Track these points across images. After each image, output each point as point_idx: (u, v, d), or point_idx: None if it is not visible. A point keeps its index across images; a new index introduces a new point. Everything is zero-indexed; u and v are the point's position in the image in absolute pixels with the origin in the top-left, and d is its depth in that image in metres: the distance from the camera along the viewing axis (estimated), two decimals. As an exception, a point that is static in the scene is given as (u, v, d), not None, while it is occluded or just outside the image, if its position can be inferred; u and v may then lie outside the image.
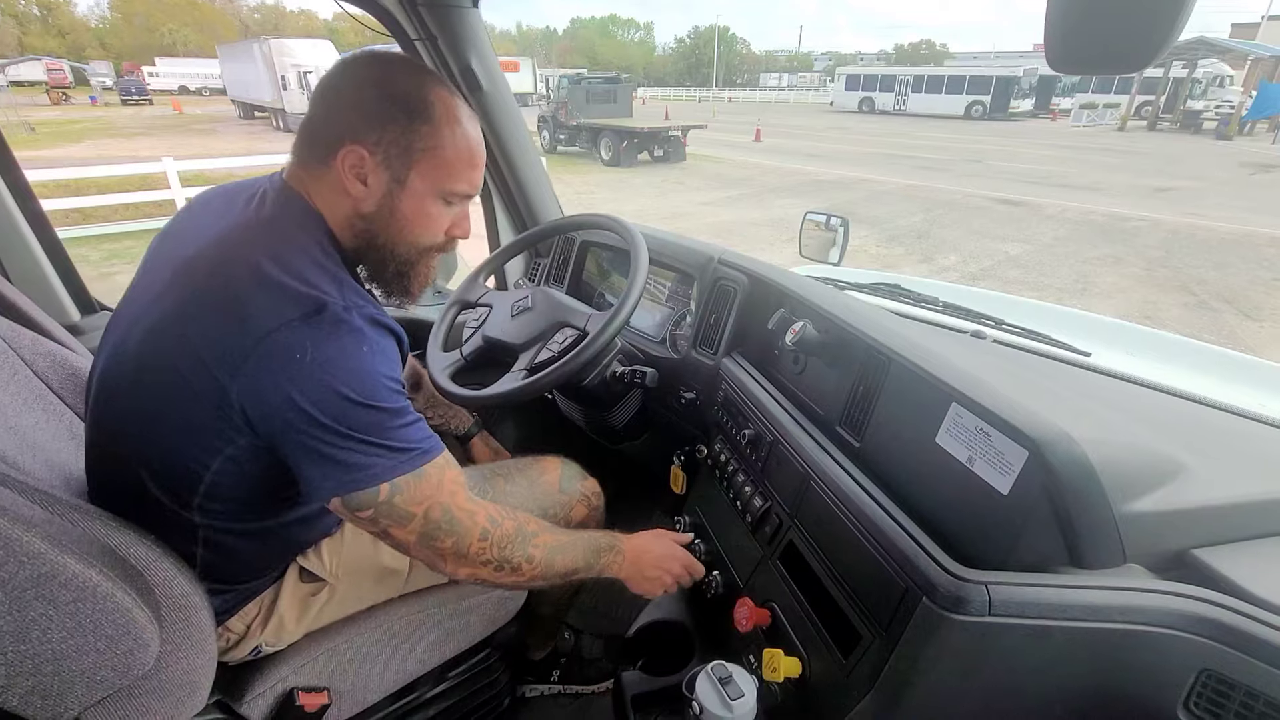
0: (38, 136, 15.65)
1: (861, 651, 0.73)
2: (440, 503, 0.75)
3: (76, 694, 0.59)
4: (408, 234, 0.80)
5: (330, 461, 0.68)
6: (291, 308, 0.67)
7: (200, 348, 0.67)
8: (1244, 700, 0.61)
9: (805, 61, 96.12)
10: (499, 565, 0.82)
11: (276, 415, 0.66)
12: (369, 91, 0.75)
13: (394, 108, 0.75)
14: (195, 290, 0.70)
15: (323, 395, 0.66)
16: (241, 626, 0.87)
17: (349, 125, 0.74)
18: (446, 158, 0.78)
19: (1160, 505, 0.70)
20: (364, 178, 0.76)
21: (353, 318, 0.69)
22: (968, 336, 1.32)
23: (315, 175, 0.77)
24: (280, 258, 0.70)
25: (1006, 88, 28.50)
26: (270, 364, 0.65)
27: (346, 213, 0.78)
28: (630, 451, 1.51)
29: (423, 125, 0.76)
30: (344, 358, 0.67)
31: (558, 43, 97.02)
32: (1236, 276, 6.05)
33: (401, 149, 0.75)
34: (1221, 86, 25.20)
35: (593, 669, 1.38)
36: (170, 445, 0.71)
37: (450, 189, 0.80)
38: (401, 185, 0.77)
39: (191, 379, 0.67)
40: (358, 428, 0.68)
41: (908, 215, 8.65)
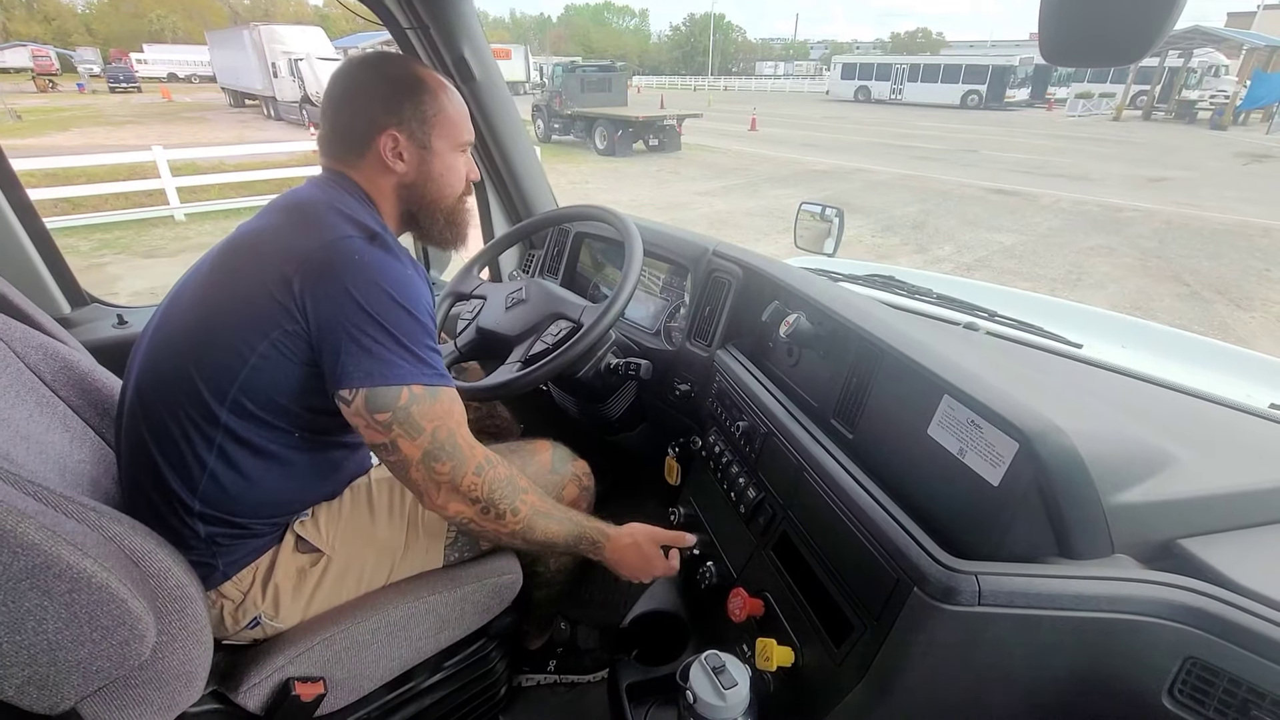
0: (24, 125, 15.45)
1: (853, 641, 0.74)
2: (449, 427, 0.83)
3: (73, 684, 0.60)
4: (445, 188, 0.95)
5: (367, 353, 0.76)
6: (353, 228, 0.81)
7: (272, 251, 0.80)
8: (1227, 687, 0.62)
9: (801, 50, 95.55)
10: (486, 506, 0.87)
11: (330, 302, 0.76)
12: (378, 87, 0.89)
13: (401, 91, 0.89)
14: (267, 220, 0.85)
15: (372, 290, 0.77)
16: (238, 593, 0.88)
17: (374, 117, 0.88)
18: (451, 116, 0.93)
19: (1148, 496, 0.71)
20: (401, 155, 0.90)
21: (397, 246, 0.84)
22: (961, 329, 1.32)
23: (353, 166, 0.90)
24: (339, 206, 0.84)
25: (1002, 77, 28.40)
26: (333, 259, 0.77)
27: (392, 187, 0.92)
28: (625, 443, 1.52)
29: (425, 97, 0.90)
30: (393, 268, 0.80)
31: (552, 30, 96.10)
32: (1229, 267, 6.09)
33: (420, 121, 0.90)
34: (1217, 76, 25.19)
35: (588, 659, 1.39)
36: (223, 336, 0.79)
37: (461, 140, 0.95)
38: (429, 150, 0.92)
39: (259, 273, 0.78)
40: (396, 326, 0.78)
41: (903, 205, 8.64)
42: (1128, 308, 4.99)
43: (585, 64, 16.95)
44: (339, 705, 0.95)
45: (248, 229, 0.87)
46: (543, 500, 0.96)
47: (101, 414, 0.99)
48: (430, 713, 1.09)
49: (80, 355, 1.03)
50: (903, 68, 31.83)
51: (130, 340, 1.42)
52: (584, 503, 1.21)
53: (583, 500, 1.20)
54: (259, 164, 8.81)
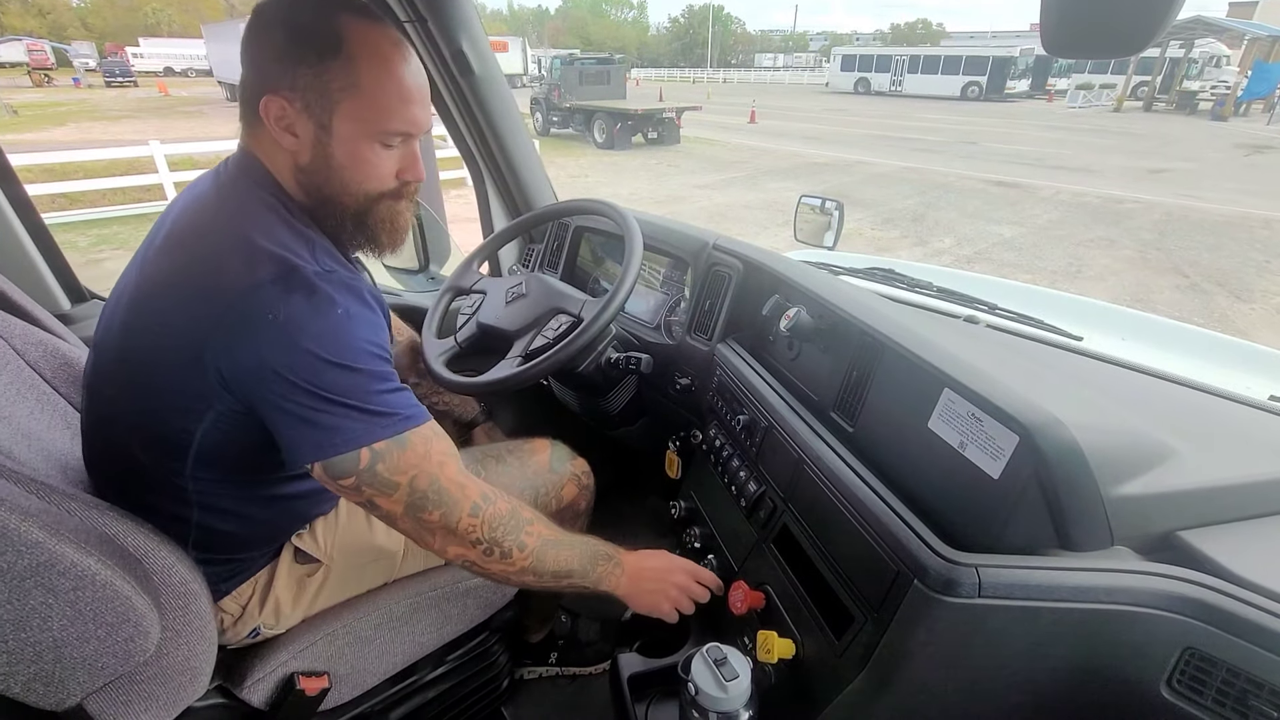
0: (20, 119, 15.39)
1: (854, 633, 0.74)
2: (427, 472, 0.73)
3: (78, 681, 0.60)
4: (351, 183, 0.76)
5: (306, 424, 0.66)
6: (262, 269, 0.66)
7: (177, 311, 0.67)
8: (1225, 678, 0.62)
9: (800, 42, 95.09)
10: (489, 547, 0.79)
11: (251, 377, 0.65)
12: (277, 33, 0.70)
13: (302, 46, 0.70)
14: (172, 258, 0.72)
15: (294, 356, 0.64)
16: (237, 607, 0.87)
17: (265, 73, 0.71)
18: (370, 97, 0.72)
19: (1148, 488, 0.72)
20: (291, 128, 0.72)
21: (324, 283, 0.67)
22: (961, 321, 1.32)
23: (255, 134, 0.75)
24: (249, 220, 0.70)
25: (1003, 68, 28.26)
26: (242, 325, 0.64)
27: (289, 167, 0.75)
28: (625, 437, 1.52)
29: (333, 61, 0.70)
30: (316, 318, 0.66)
31: (550, 22, 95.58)
32: (1229, 258, 6.08)
33: (318, 92, 0.70)
34: (1218, 66, 25.09)
35: (590, 651, 1.39)
36: (159, 411, 0.71)
37: (383, 129, 0.74)
38: (328, 131, 0.72)
39: (172, 344, 0.67)
40: (332, 389, 0.66)
41: (902, 198, 8.62)
42: (1128, 300, 4.99)
43: (583, 56, 16.86)
44: (343, 699, 0.96)
45: (153, 266, 0.73)
46: (550, 528, 0.87)
47: None
48: (433, 705, 1.10)
49: (80, 352, 1.03)
50: (902, 59, 31.67)
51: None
52: (584, 501, 1.21)
53: (582, 499, 1.20)
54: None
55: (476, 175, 1.68)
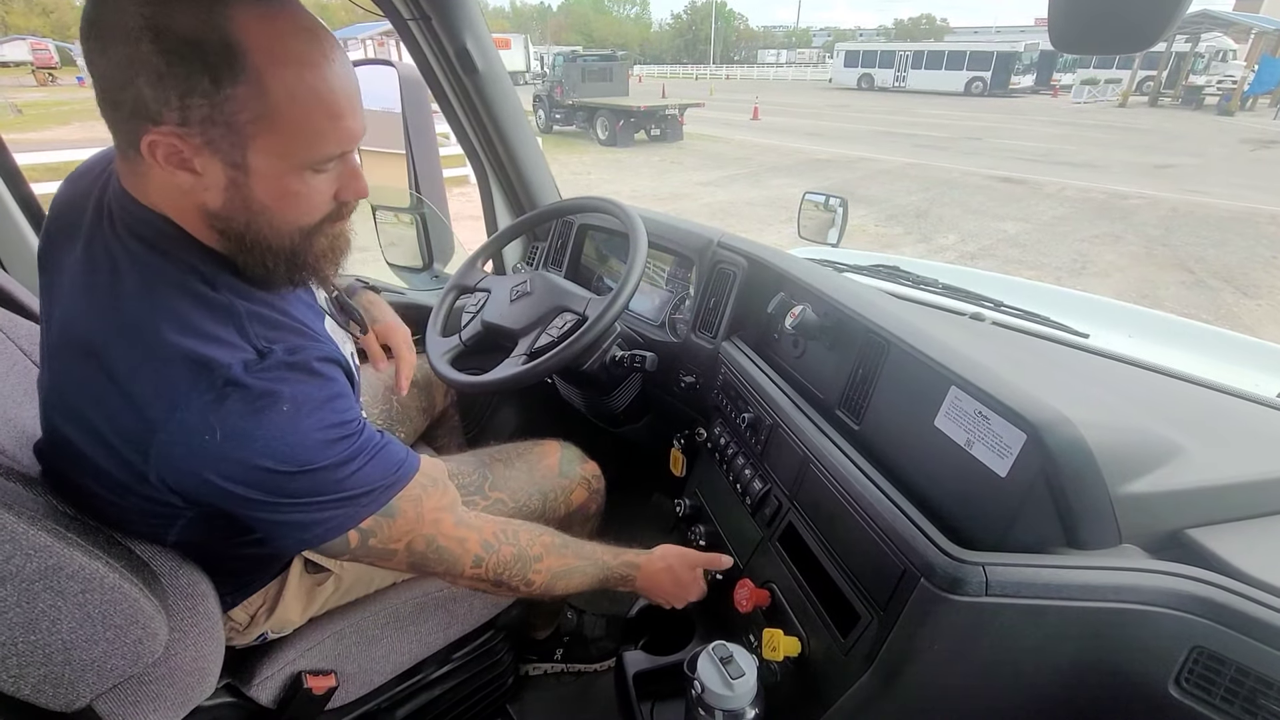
0: (25, 119, 15.42)
1: (860, 631, 0.74)
2: (422, 535, 0.70)
3: (87, 682, 0.60)
4: (279, 222, 0.61)
5: (282, 525, 0.61)
6: (184, 381, 0.55)
7: (103, 430, 0.58)
8: (1234, 676, 0.62)
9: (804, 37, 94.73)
10: (496, 584, 0.80)
11: (207, 495, 0.59)
12: (145, 44, 0.50)
13: (186, 66, 0.51)
14: (74, 366, 0.59)
15: (247, 474, 0.57)
16: (245, 616, 0.87)
17: (137, 100, 0.52)
18: (293, 123, 0.56)
19: (1155, 486, 0.71)
20: (189, 165, 0.55)
21: (258, 378, 0.57)
22: (967, 319, 1.32)
23: (138, 171, 0.58)
24: (154, 311, 0.57)
25: (1007, 63, 28.11)
26: (178, 450, 0.56)
27: (194, 212, 0.59)
28: (630, 435, 1.52)
29: (238, 86, 0.53)
30: (257, 429, 0.56)
31: (552, 19, 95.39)
32: (1235, 254, 6.05)
33: (223, 126, 0.54)
34: (1224, 61, 24.91)
35: (595, 648, 1.40)
36: (121, 517, 0.64)
37: (313, 158, 0.59)
38: (243, 170, 0.57)
39: (109, 460, 0.59)
40: (299, 494, 0.60)
41: (906, 194, 8.59)
42: (1133, 296, 4.97)
43: (586, 53, 16.82)
44: (350, 698, 0.96)
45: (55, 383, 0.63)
46: (561, 557, 0.86)
47: None
48: (439, 703, 1.10)
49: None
50: (906, 55, 31.53)
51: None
52: (593, 505, 1.20)
53: (592, 503, 1.20)
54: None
55: (480, 173, 1.68)
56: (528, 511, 1.08)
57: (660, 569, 0.97)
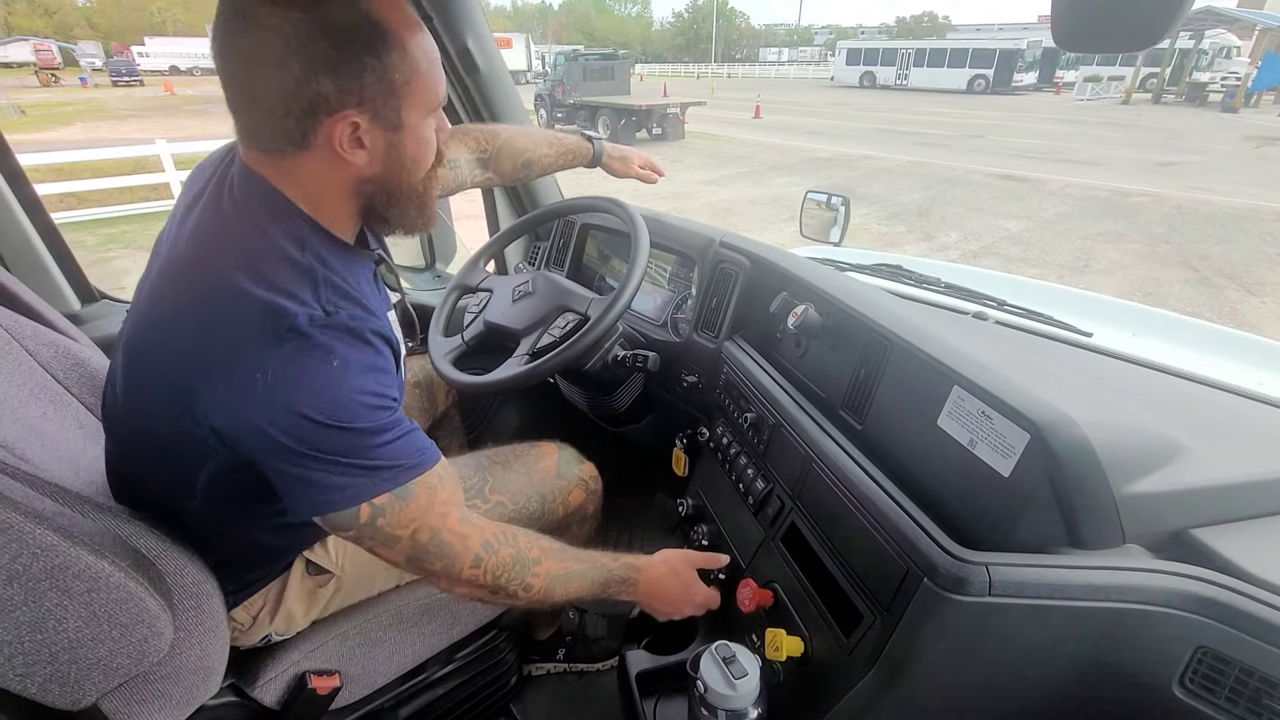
0: (28, 119, 15.47)
1: (863, 631, 0.74)
2: (429, 525, 0.71)
3: (93, 681, 0.61)
4: (418, 170, 0.72)
5: (303, 483, 0.64)
6: (253, 322, 0.61)
7: (169, 364, 0.64)
8: (1238, 677, 0.62)
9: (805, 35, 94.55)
10: (493, 589, 0.79)
11: (245, 437, 0.62)
12: (316, 45, 0.59)
13: (352, 50, 0.60)
14: (166, 300, 0.67)
15: (286, 419, 0.60)
16: (248, 617, 0.87)
17: (316, 97, 0.60)
18: (424, 74, 0.66)
19: (1159, 486, 0.71)
20: (361, 143, 0.65)
21: (319, 331, 0.62)
22: (970, 318, 1.32)
23: (283, 165, 0.66)
24: (245, 263, 0.63)
25: (1010, 61, 28.04)
26: (230, 385, 0.60)
27: (345, 183, 0.68)
28: (632, 435, 1.52)
29: (391, 54, 0.63)
30: (307, 377, 0.61)
31: (553, 18, 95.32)
32: (1239, 252, 6.03)
33: (386, 93, 0.64)
34: (1228, 58, 24.79)
35: (597, 648, 1.40)
36: (165, 453, 0.69)
37: (436, 103, 0.70)
38: (398, 130, 0.67)
39: (166, 394, 0.64)
40: (330, 450, 0.63)
41: (908, 192, 8.58)
42: (1137, 294, 4.96)
43: (587, 52, 16.83)
44: (354, 698, 0.96)
45: (148, 301, 0.69)
46: (560, 561, 0.86)
47: None
48: (442, 703, 1.11)
49: (91, 352, 1.04)
50: (908, 52, 31.47)
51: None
52: (591, 505, 1.20)
53: (590, 504, 1.20)
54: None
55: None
56: (527, 513, 1.08)
57: (663, 572, 0.96)
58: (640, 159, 1.40)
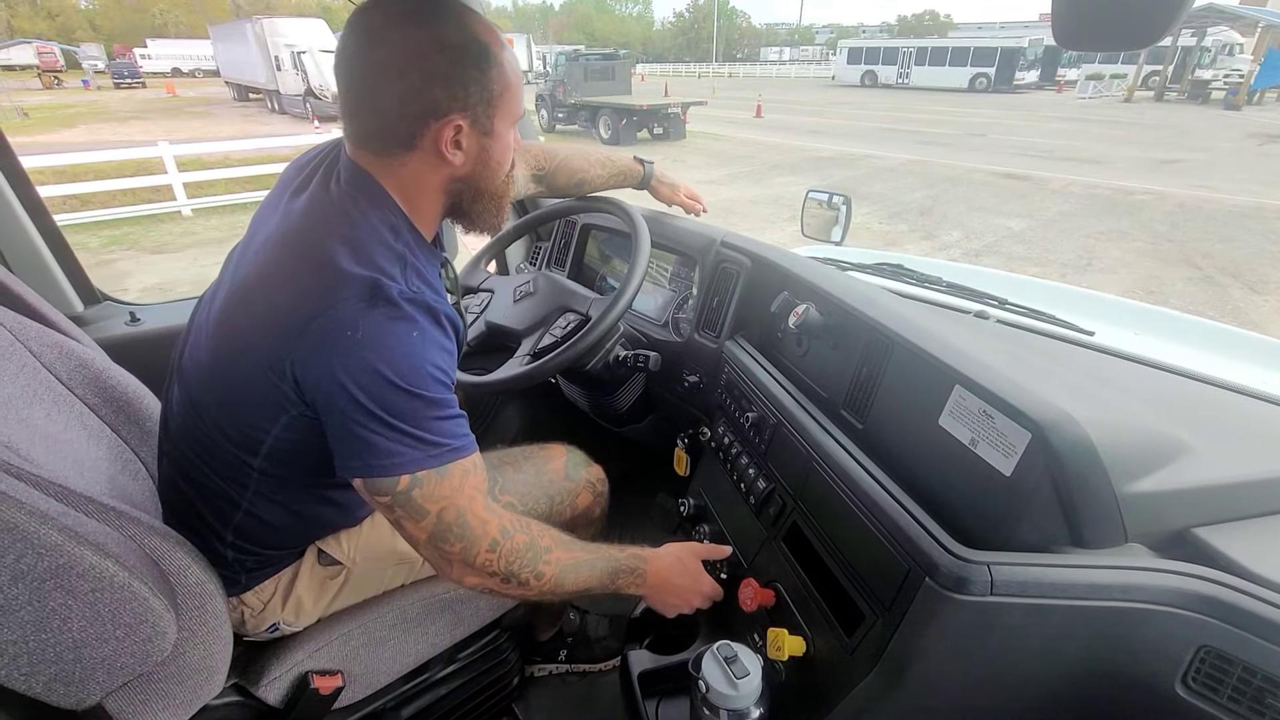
0: (31, 122, 15.52)
1: (865, 630, 0.74)
2: (457, 505, 0.74)
3: (97, 680, 0.61)
4: (501, 172, 0.81)
5: (360, 441, 0.69)
6: (349, 287, 0.68)
7: (264, 319, 0.70)
8: (1241, 676, 0.62)
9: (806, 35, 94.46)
10: (505, 578, 0.80)
11: (322, 388, 0.68)
12: (434, 59, 0.70)
13: (466, 65, 0.71)
14: (268, 264, 0.74)
15: (365, 374, 0.67)
16: (259, 602, 0.89)
17: (430, 103, 0.71)
18: (514, 87, 0.77)
19: (1162, 485, 0.71)
20: (460, 144, 0.74)
21: (406, 303, 0.70)
22: (971, 317, 1.31)
23: (389, 164, 0.75)
24: (348, 239, 0.71)
25: (1011, 59, 27.99)
26: (322, 339, 0.67)
27: (440, 182, 0.78)
28: (634, 434, 1.52)
29: (491, 69, 0.73)
30: (392, 339, 0.68)
31: (554, 18, 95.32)
32: (1243, 250, 6.01)
33: (485, 102, 0.74)
34: (1231, 55, 24.69)
35: (599, 648, 1.40)
36: (241, 407, 0.74)
37: (519, 112, 0.80)
38: (490, 135, 0.77)
39: (257, 347, 0.70)
40: (393, 412, 0.68)
41: (910, 191, 8.56)
42: (1139, 293, 4.94)
43: (588, 52, 16.83)
44: (356, 698, 0.97)
45: (252, 265, 0.76)
46: (570, 551, 0.88)
47: (117, 411, 1.00)
48: (444, 703, 1.11)
49: (94, 353, 1.04)
50: (909, 51, 31.42)
51: (143, 338, 1.43)
52: (598, 508, 1.21)
53: (596, 506, 1.20)
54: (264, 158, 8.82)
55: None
56: (534, 514, 1.08)
57: (669, 562, 0.97)
58: (686, 189, 1.50)
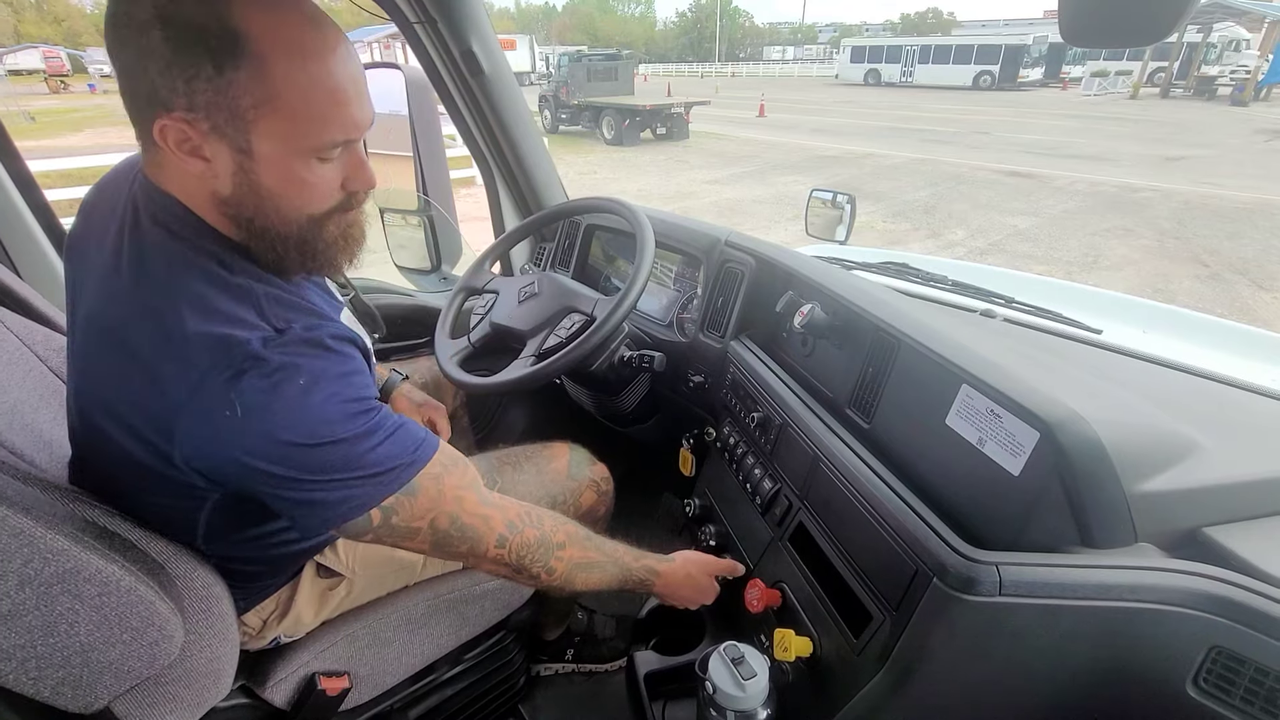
0: (38, 126, 15.59)
1: (872, 631, 0.74)
2: (445, 512, 0.70)
3: (105, 684, 0.61)
4: (287, 208, 0.63)
5: (306, 504, 0.61)
6: (203, 358, 0.57)
7: (127, 414, 0.60)
8: (1253, 676, 0.61)
9: (809, 33, 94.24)
10: (517, 569, 0.79)
11: (231, 474, 0.59)
12: (153, 33, 0.53)
13: (191, 52, 0.54)
14: (101, 350, 0.62)
15: (268, 449, 0.58)
16: (258, 620, 0.87)
17: (150, 88, 0.55)
18: (293, 108, 0.58)
19: (1172, 484, 0.70)
20: (198, 152, 0.58)
21: (276, 352, 0.59)
22: (977, 315, 1.31)
23: (156, 160, 0.62)
24: (176, 293, 0.59)
25: (1016, 56, 27.86)
26: (201, 430, 0.57)
27: (207, 199, 0.62)
28: (639, 435, 1.52)
29: (238, 72, 0.55)
30: (279, 402, 0.58)
31: (557, 19, 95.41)
32: (1250, 247, 5.97)
33: (226, 110, 0.56)
34: (1237, 51, 24.55)
35: (606, 648, 1.40)
36: (152, 502, 0.66)
37: (317, 144, 0.61)
38: (249, 155, 0.59)
39: (134, 447, 0.61)
40: (320, 469, 0.60)
41: (914, 190, 8.54)
42: (1146, 290, 4.91)
43: (591, 53, 16.84)
44: (363, 699, 0.97)
45: (83, 362, 0.65)
46: (584, 550, 0.86)
47: None
48: (451, 704, 1.11)
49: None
50: (913, 49, 31.32)
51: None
52: (602, 507, 1.20)
53: (601, 505, 1.20)
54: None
55: (487, 174, 1.69)
56: None
57: (681, 579, 0.96)
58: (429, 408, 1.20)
